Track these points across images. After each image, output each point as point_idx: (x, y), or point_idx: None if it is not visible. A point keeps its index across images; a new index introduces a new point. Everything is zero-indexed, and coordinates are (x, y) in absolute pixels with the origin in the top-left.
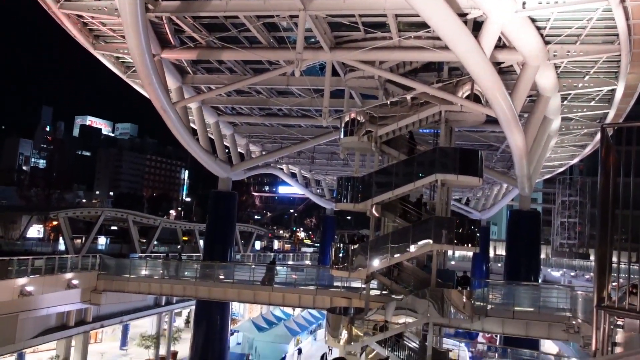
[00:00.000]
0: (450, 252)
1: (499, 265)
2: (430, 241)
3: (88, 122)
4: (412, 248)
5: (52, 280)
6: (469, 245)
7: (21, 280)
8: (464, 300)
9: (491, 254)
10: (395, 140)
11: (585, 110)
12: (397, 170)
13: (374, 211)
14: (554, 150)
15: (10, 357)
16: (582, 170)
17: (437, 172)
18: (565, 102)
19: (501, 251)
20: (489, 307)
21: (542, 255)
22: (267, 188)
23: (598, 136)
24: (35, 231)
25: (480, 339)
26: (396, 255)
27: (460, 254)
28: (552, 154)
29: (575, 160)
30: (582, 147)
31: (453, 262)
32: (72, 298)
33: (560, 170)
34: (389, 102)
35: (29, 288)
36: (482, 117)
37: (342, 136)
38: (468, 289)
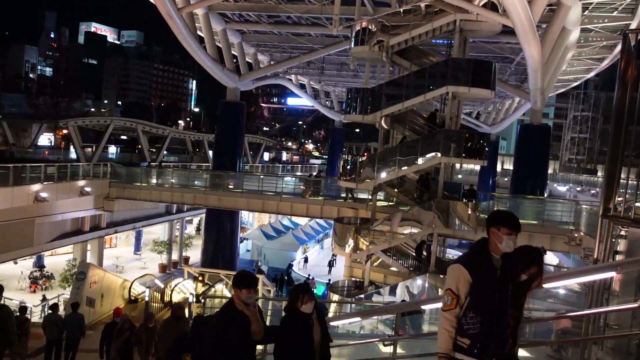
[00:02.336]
0: (457, 166)
1: (506, 179)
2: (439, 154)
3: (93, 29)
4: (420, 161)
5: (65, 187)
6: (477, 158)
7: (35, 187)
8: (469, 212)
9: (499, 168)
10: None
11: (606, 21)
12: (407, 81)
13: (383, 123)
14: (570, 63)
15: (30, 259)
16: (597, 85)
17: (449, 84)
18: (585, 12)
19: (509, 166)
20: None
21: (550, 170)
22: (275, 99)
23: (617, 48)
24: (46, 139)
25: None
26: (404, 168)
27: (468, 168)
28: (568, 67)
29: (592, 74)
30: (599, 60)
31: (460, 176)
32: (86, 204)
33: (575, 84)
34: (402, 10)
35: (43, 194)
36: (498, 27)
37: (352, 45)
38: (474, 201)
